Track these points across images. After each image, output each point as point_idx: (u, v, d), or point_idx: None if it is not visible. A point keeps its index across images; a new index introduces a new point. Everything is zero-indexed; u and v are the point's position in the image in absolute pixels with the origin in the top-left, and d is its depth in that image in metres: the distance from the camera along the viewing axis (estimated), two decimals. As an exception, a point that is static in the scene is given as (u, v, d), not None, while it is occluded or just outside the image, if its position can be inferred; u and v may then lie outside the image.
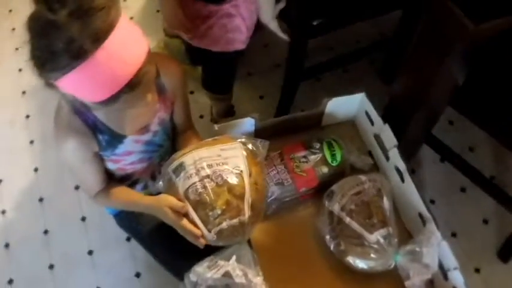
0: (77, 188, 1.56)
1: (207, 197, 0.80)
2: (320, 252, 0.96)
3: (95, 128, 0.85)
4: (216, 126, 1.02)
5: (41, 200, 1.55)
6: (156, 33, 1.87)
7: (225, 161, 0.83)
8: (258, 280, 0.83)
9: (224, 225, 0.80)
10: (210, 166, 0.82)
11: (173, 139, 1.04)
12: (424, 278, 0.87)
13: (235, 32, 1.22)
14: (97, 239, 1.46)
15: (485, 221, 1.48)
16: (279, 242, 0.99)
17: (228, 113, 1.62)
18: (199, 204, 0.80)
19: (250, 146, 0.89)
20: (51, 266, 1.43)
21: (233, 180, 0.81)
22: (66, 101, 0.80)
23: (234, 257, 0.84)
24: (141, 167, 0.99)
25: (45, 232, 1.49)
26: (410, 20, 1.44)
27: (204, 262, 0.84)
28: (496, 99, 1.20)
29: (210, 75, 1.45)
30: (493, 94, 1.21)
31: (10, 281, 1.41)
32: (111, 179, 0.98)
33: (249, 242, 0.92)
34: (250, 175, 0.84)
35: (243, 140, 0.89)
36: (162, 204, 0.82)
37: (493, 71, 1.23)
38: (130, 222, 1.06)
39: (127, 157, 0.94)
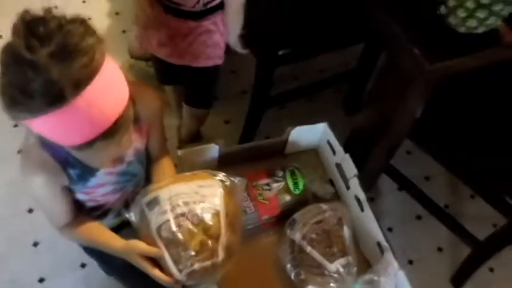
0: (30, 211, 1.49)
1: (181, 236, 0.76)
2: (280, 281, 0.95)
3: (65, 163, 0.80)
4: (179, 152, 1.02)
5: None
6: (121, 55, 1.86)
7: (202, 199, 0.79)
8: None
9: (196, 266, 0.76)
10: (186, 204, 0.78)
11: (147, 166, 1.01)
12: (381, 308, 0.88)
13: (214, 48, 1.24)
14: (49, 265, 1.39)
15: (440, 249, 1.53)
16: (240, 271, 0.97)
17: (196, 138, 1.61)
18: (172, 243, 0.77)
19: (228, 184, 0.85)
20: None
21: (209, 220, 0.78)
22: (36, 135, 0.75)
23: None
24: (114, 198, 0.95)
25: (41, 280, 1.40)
26: (372, 52, 1.51)
27: None
28: (450, 133, 1.27)
29: (192, 90, 1.45)
30: (448, 128, 1.27)
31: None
32: (81, 210, 0.92)
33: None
34: (227, 215, 0.81)
35: (222, 177, 0.86)
36: (132, 251, 0.79)
37: (449, 107, 1.30)
38: (102, 252, 1.00)
39: (99, 189, 0.90)
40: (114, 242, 0.85)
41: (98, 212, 0.96)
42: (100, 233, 0.89)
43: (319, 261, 0.90)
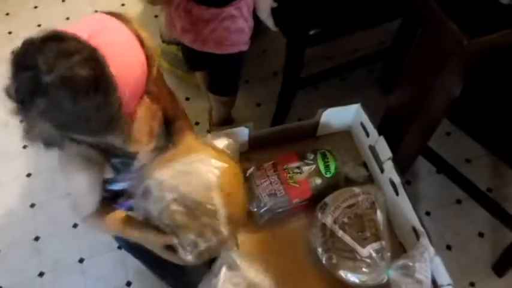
0: (69, 194, 1.54)
1: (179, 221, 0.76)
2: (312, 265, 0.94)
3: (107, 154, 0.81)
4: (209, 136, 1.01)
5: (32, 205, 1.54)
6: (153, 39, 1.87)
7: (189, 179, 0.78)
8: (261, 277, 0.81)
9: (202, 247, 0.77)
10: (175, 188, 0.76)
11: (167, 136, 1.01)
12: (416, 294, 0.85)
13: (238, 34, 1.21)
14: (88, 246, 1.44)
15: (481, 234, 1.47)
16: (270, 254, 0.97)
17: (227, 121, 1.61)
18: (175, 229, 0.77)
19: (220, 145, 0.85)
20: (41, 274, 1.42)
21: (202, 198, 0.77)
22: None
23: (224, 268, 0.82)
24: None
25: (36, 239, 1.47)
26: (409, 29, 1.44)
27: None
28: (493, 113, 1.20)
29: (216, 78, 1.44)
30: (490, 108, 1.20)
31: (-1, 288, 1.40)
32: (117, 199, 0.95)
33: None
34: (221, 188, 0.78)
35: (212, 141, 0.86)
36: (150, 243, 0.82)
37: (491, 85, 1.23)
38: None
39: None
40: (134, 232, 0.86)
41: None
42: (122, 224, 0.89)
43: (351, 245, 0.88)
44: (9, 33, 1.94)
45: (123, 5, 2.07)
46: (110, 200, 0.96)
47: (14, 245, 1.46)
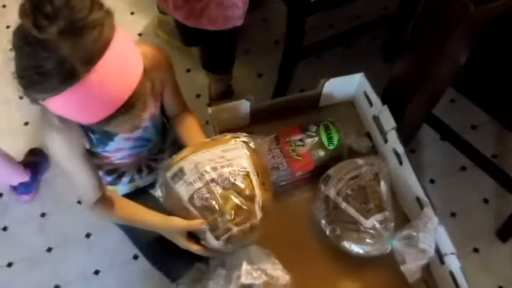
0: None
1: (214, 202, 0.75)
2: (316, 237, 0.95)
3: (86, 127, 0.80)
4: (209, 109, 1.00)
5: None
6: (150, 10, 1.83)
7: (229, 162, 0.78)
8: (279, 273, 0.82)
9: (235, 230, 0.75)
10: (214, 169, 0.76)
11: (163, 132, 1.01)
12: (420, 263, 0.86)
13: (232, 9, 1.17)
14: (94, 222, 1.45)
15: (486, 201, 1.47)
16: (274, 228, 0.97)
17: (227, 94, 1.59)
18: (207, 211, 0.76)
19: (252, 145, 0.83)
20: (49, 249, 1.44)
21: (241, 182, 0.76)
22: None
23: (244, 262, 0.81)
24: (130, 161, 0.97)
25: (43, 215, 1.49)
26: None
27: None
28: (497, 80, 1.17)
29: (210, 55, 1.41)
30: (494, 75, 1.18)
31: (9, 264, 1.42)
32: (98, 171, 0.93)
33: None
34: (257, 175, 0.79)
35: (244, 138, 0.83)
36: (173, 229, 0.80)
37: (496, 54, 1.20)
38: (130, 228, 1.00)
39: (117, 153, 0.91)
40: (153, 218, 0.84)
41: (114, 175, 0.98)
42: (137, 210, 0.88)
43: (355, 217, 0.89)
44: (7, 27, 1.87)
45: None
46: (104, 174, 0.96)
47: (21, 222, 1.48)
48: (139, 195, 0.98)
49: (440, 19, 0.88)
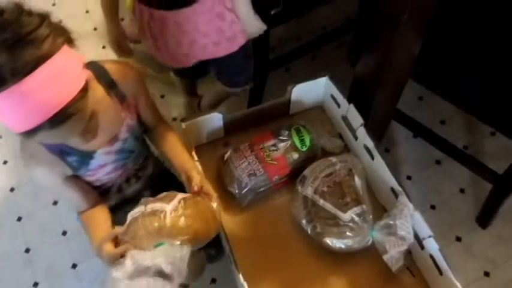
0: (55, 203, 1.54)
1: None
2: (299, 238, 0.97)
3: (61, 153, 0.83)
4: (183, 124, 1.03)
5: (19, 218, 1.53)
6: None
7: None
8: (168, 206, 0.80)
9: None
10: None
11: (143, 140, 1.03)
12: (401, 250, 0.88)
13: (232, 26, 1.15)
14: (80, 251, 1.44)
15: (462, 190, 1.51)
16: (257, 233, 0.99)
17: (219, 102, 1.57)
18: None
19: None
20: (35, 284, 1.42)
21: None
22: None
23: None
24: (116, 175, 0.99)
25: (27, 250, 1.47)
26: None
27: None
28: (456, 67, 1.23)
29: (228, 75, 1.37)
30: (454, 63, 1.23)
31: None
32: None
33: (225, 235, 0.92)
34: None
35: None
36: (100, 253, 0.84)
37: (454, 42, 1.26)
38: None
39: (101, 169, 0.93)
40: (94, 237, 0.89)
41: (100, 189, 0.99)
42: (96, 221, 0.92)
43: (333, 212, 0.91)
44: None
45: (87, 12, 2.05)
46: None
47: (5, 258, 1.46)
48: (126, 203, 1.00)
49: (384, 14, 0.93)
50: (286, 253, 0.96)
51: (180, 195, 0.83)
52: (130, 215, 0.81)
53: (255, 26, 1.18)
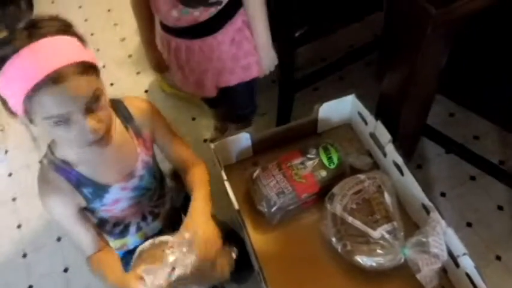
0: (58, 239, 1.59)
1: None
2: (329, 256, 0.96)
3: (78, 183, 0.86)
4: (211, 145, 1.05)
5: (59, 239, 1.59)
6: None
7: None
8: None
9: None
10: None
11: (161, 179, 1.04)
12: (434, 268, 0.86)
13: (248, 56, 1.18)
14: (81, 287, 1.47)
15: (500, 208, 1.46)
16: (287, 251, 0.99)
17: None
18: None
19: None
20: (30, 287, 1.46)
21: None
22: (48, 160, 0.84)
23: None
24: (131, 212, 1.00)
25: (65, 270, 1.52)
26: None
27: None
28: (484, 80, 1.21)
29: (234, 107, 1.41)
30: (482, 76, 1.21)
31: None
32: (104, 227, 0.98)
33: (254, 253, 0.92)
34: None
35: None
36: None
37: (482, 56, 1.24)
38: None
39: (116, 205, 0.94)
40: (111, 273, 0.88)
41: (120, 227, 1.01)
42: (109, 261, 0.91)
43: (363, 229, 0.90)
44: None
45: (122, 40, 2.15)
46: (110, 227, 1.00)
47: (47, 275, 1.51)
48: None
49: (409, 29, 0.94)
50: (316, 271, 0.96)
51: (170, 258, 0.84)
52: None
53: (271, 57, 1.21)
